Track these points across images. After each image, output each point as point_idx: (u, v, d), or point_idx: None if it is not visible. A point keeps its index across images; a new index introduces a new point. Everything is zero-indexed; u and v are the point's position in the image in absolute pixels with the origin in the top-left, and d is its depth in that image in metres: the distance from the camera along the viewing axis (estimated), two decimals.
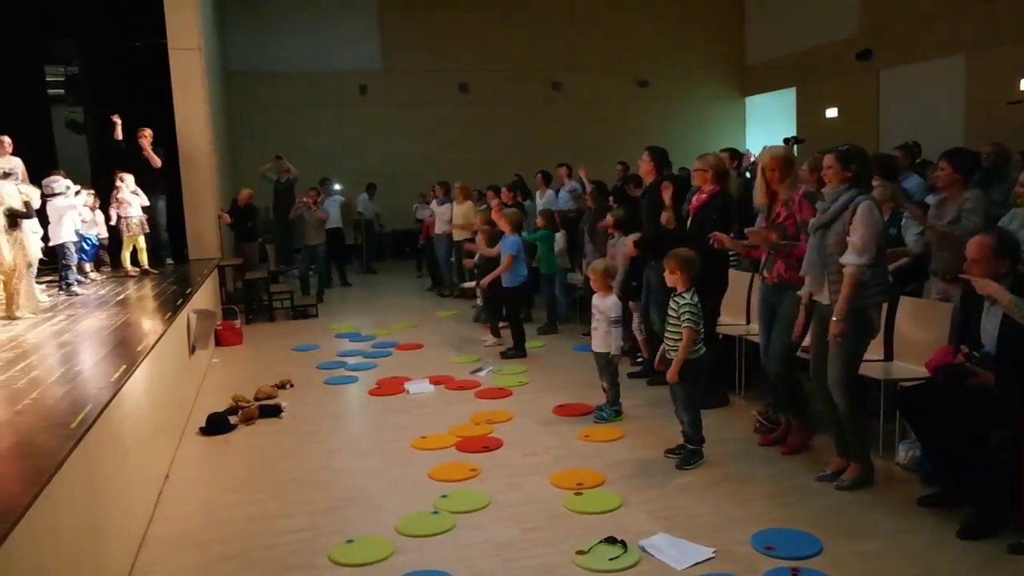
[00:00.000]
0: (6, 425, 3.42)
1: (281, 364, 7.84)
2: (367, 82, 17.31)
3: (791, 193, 4.78)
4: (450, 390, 6.72)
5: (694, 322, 4.66)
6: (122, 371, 4.31)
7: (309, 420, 6.07)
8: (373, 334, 9.13)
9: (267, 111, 16.24)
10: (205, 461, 5.35)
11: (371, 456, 5.20)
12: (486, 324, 8.83)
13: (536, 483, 4.62)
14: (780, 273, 4.79)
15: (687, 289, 4.73)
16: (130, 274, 9.14)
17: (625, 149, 14.00)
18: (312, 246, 11.95)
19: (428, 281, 12.94)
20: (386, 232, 16.67)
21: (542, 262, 9.03)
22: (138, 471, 4.33)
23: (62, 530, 2.90)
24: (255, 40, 16.46)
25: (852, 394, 4.25)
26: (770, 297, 4.91)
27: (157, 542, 4.10)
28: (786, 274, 4.76)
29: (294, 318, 10.58)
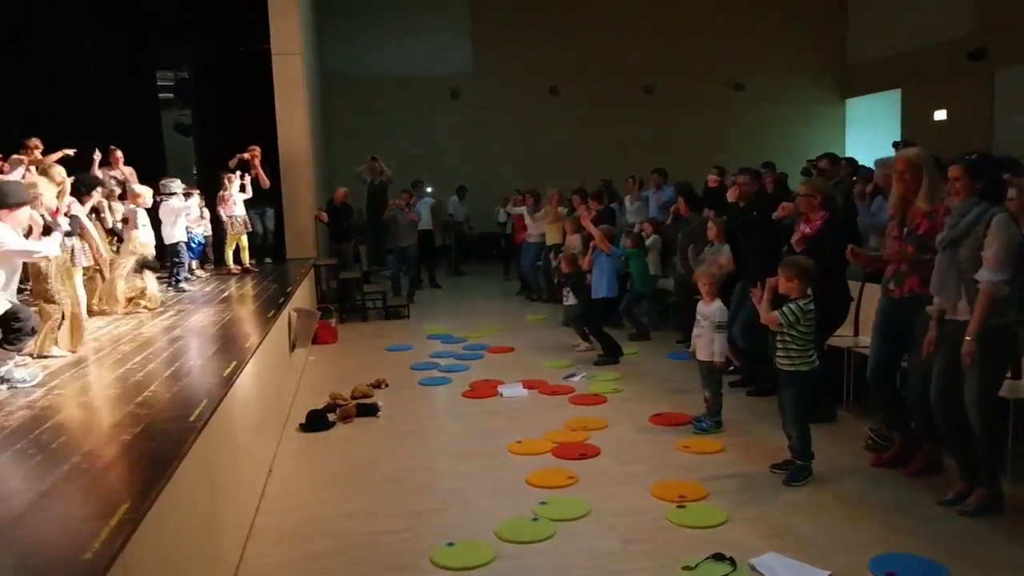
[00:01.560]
0: (129, 417, 3.55)
1: (375, 363, 7.95)
2: (458, 86, 17.49)
3: (931, 202, 4.43)
4: (543, 395, 6.68)
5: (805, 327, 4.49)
6: (233, 367, 4.43)
7: (405, 420, 6.12)
8: (464, 336, 9.18)
9: (361, 114, 16.57)
10: (305, 457, 5.45)
11: (468, 459, 5.20)
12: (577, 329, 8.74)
13: (636, 493, 4.52)
14: (913, 288, 4.47)
15: (801, 296, 4.55)
16: (232, 272, 9.45)
17: (720, 153, 13.73)
18: (404, 247, 12.11)
19: (516, 284, 12.94)
20: (475, 234, 16.78)
21: (636, 282, 8.89)
22: (246, 464, 4.45)
23: (184, 519, 2.99)
24: (351, 45, 16.84)
25: (990, 414, 3.98)
26: (893, 311, 4.62)
27: (263, 534, 4.19)
28: (920, 289, 4.44)
29: (386, 318, 10.74)
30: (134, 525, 2.40)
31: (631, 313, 8.97)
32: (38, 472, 2.93)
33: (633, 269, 8.89)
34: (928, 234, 4.36)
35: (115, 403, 3.84)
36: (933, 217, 4.37)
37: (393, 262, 12.30)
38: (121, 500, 2.54)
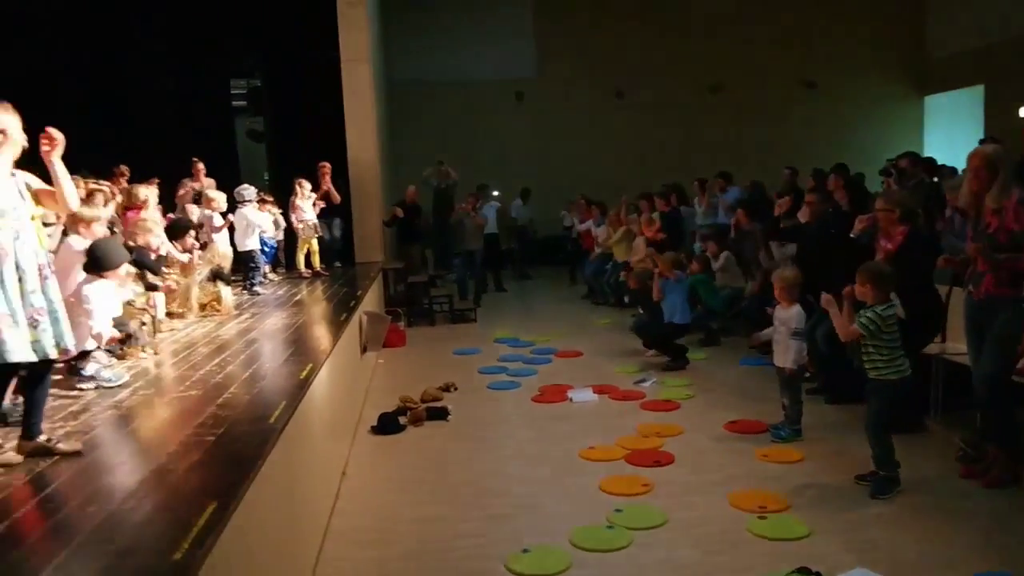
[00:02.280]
0: (212, 418, 3.61)
1: (443, 367, 7.97)
2: (523, 89, 17.50)
3: (999, 200, 4.29)
4: (614, 400, 6.59)
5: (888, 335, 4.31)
6: (308, 370, 4.47)
7: (475, 424, 6.11)
8: (532, 340, 9.13)
9: (427, 119, 16.71)
10: (378, 460, 5.48)
11: (540, 464, 5.15)
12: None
13: (713, 503, 4.40)
14: (988, 289, 4.33)
15: (878, 302, 4.37)
16: (303, 275, 9.61)
17: (791, 153, 13.41)
18: (471, 251, 12.15)
19: (582, 288, 12.85)
20: (539, 237, 16.73)
21: (706, 302, 8.71)
22: (322, 466, 4.49)
23: (266, 520, 3.01)
24: (417, 51, 16.98)
25: None
26: (976, 315, 4.46)
27: (338, 536, 4.22)
28: (995, 290, 4.28)
29: (453, 322, 10.77)
30: (221, 525, 2.42)
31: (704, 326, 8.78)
32: (127, 471, 3.00)
33: (701, 293, 8.70)
34: (998, 232, 4.20)
35: (197, 404, 3.92)
36: (1002, 214, 4.19)
37: (459, 266, 12.35)
38: (208, 500, 2.57)
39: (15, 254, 3.09)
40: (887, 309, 4.36)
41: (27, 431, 3.19)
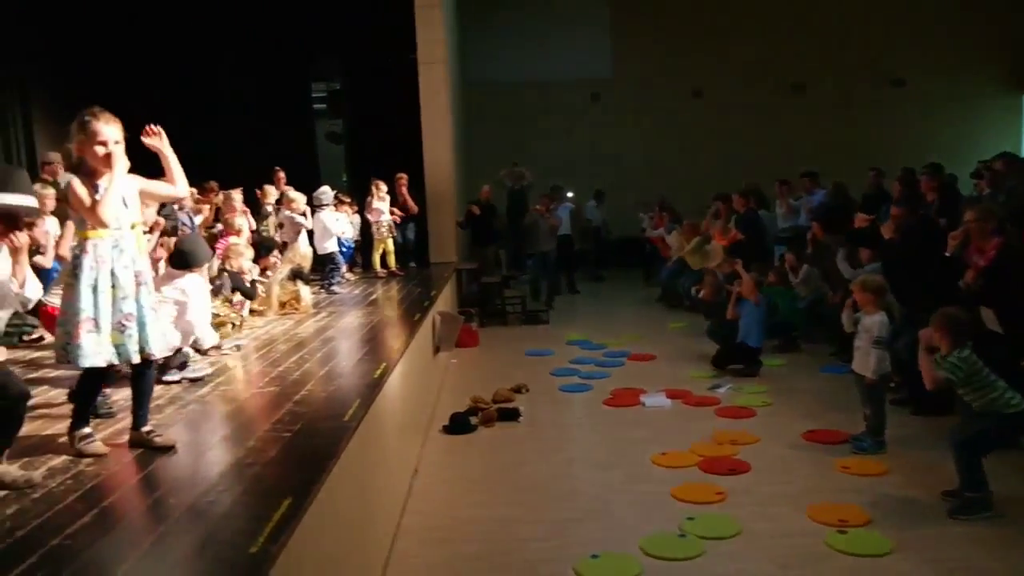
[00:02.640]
0: (289, 414, 3.70)
1: (515, 368, 7.98)
2: (599, 89, 17.39)
3: None
4: (688, 405, 6.48)
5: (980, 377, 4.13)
6: (383, 369, 4.54)
7: (547, 426, 6.10)
8: (604, 342, 9.06)
9: (501, 120, 16.77)
10: (449, 459, 5.52)
11: (610, 468, 5.10)
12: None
13: (790, 515, 4.28)
14: None
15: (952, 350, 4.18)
16: (379, 275, 9.77)
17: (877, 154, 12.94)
18: (544, 252, 12.14)
19: (656, 290, 12.69)
20: (613, 239, 16.59)
21: (785, 315, 8.45)
22: (394, 464, 4.55)
23: (339, 516, 3.07)
24: (492, 52, 17.07)
25: None
26: None
27: (409, 534, 4.26)
28: None
29: (525, 323, 10.78)
30: (296, 521, 2.47)
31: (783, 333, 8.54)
32: (208, 464, 3.09)
33: (780, 305, 8.42)
34: None
35: (275, 400, 4.02)
36: None
37: (533, 267, 12.35)
38: (283, 496, 2.63)
39: (112, 262, 3.21)
40: (963, 351, 4.17)
41: (135, 421, 3.34)
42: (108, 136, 3.23)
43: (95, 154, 3.22)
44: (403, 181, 10.43)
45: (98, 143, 3.21)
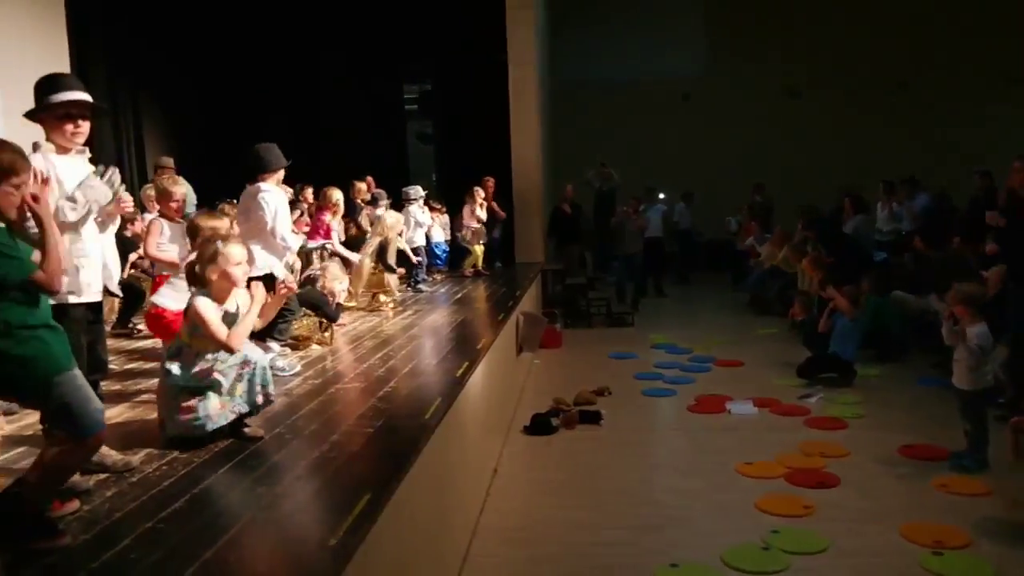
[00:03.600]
0: (372, 410, 3.78)
1: (598, 370, 7.92)
2: (690, 88, 17.08)
3: None
4: (775, 414, 6.29)
5: None
6: (465, 367, 4.58)
7: (628, 431, 6.03)
8: (690, 347, 8.89)
9: (590, 119, 16.67)
10: (529, 460, 5.53)
11: (693, 476, 5.00)
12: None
13: (882, 533, 4.10)
14: None
15: None
16: (465, 274, 9.87)
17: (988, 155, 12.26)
18: (630, 254, 12.01)
19: (744, 295, 12.38)
20: (703, 242, 16.28)
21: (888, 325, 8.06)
22: (474, 463, 4.58)
23: (417, 513, 3.11)
24: (581, 50, 16.97)
25: None
26: None
27: (487, 533, 4.28)
28: None
29: (610, 325, 10.69)
30: (374, 516, 2.52)
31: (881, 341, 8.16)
32: (293, 456, 3.18)
33: (882, 315, 8.02)
34: None
35: (360, 396, 4.10)
36: None
37: (618, 268, 12.24)
38: (363, 490, 2.68)
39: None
40: None
41: None
42: (240, 258, 3.46)
43: (230, 279, 3.43)
44: (490, 185, 10.50)
45: (235, 265, 3.43)
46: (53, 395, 2.33)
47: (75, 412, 2.35)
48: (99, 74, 9.86)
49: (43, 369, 2.33)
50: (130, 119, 10.62)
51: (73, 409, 2.35)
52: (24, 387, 2.35)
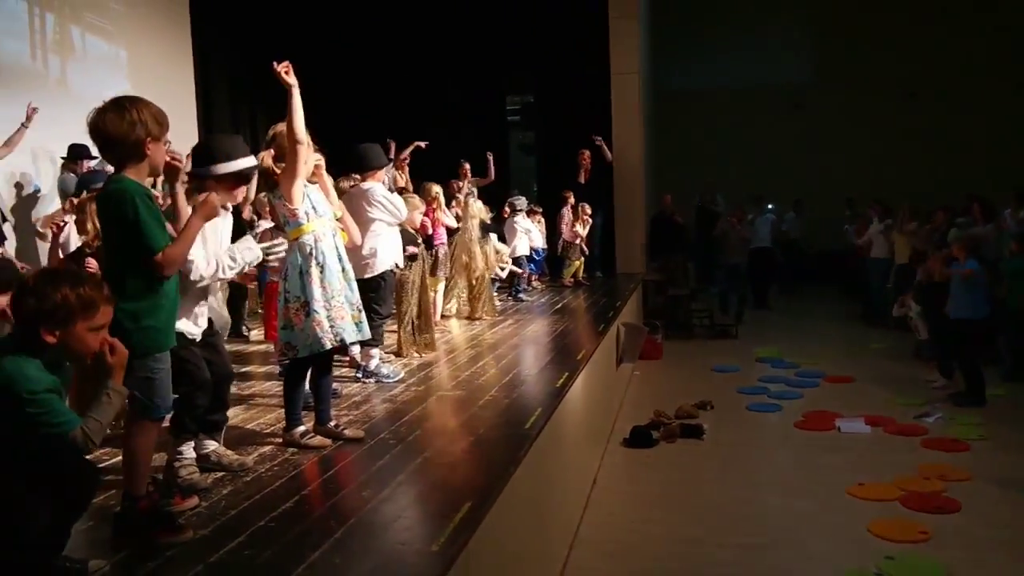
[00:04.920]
0: (473, 419, 3.82)
1: (700, 383, 7.77)
2: (800, 94, 16.56)
3: None
4: (889, 434, 6.00)
5: None
6: (565, 378, 4.58)
7: (731, 446, 5.89)
8: (797, 361, 8.59)
9: (692, 128, 16.41)
10: (629, 472, 5.47)
11: (800, 495, 4.83)
12: (931, 361, 7.74)
13: (1008, 564, 3.86)
14: None
15: None
16: (566, 284, 9.87)
17: None
18: (734, 264, 11.73)
19: (856, 307, 11.87)
20: (813, 252, 15.71)
21: (1011, 296, 7.49)
22: (573, 474, 4.57)
23: (517, 522, 3.13)
24: (684, 59, 16.75)
25: None
26: None
27: (586, 545, 4.26)
28: None
29: (712, 337, 10.47)
30: (475, 524, 2.55)
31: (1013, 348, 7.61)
32: (397, 461, 3.26)
33: (1015, 287, 7.24)
34: None
35: (461, 404, 4.16)
36: None
37: (722, 279, 11.97)
38: (464, 498, 2.72)
39: (337, 248, 3.58)
40: None
41: (318, 417, 3.59)
42: None
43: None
44: (586, 157, 10.55)
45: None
46: (147, 365, 2.50)
47: (154, 388, 2.52)
48: (222, 94, 10.45)
49: (151, 341, 2.50)
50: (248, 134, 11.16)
51: (154, 385, 2.52)
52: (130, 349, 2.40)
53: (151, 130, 2.45)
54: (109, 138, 2.43)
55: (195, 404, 2.99)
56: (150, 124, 2.44)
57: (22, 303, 2.14)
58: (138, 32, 8.90)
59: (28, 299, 2.12)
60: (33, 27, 7.54)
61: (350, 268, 3.67)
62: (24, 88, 7.16)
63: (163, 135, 2.50)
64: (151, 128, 2.45)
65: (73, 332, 2.14)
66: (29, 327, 2.13)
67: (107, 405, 2.19)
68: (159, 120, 2.48)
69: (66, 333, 2.14)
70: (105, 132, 2.43)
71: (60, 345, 2.14)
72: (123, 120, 2.42)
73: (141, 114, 2.43)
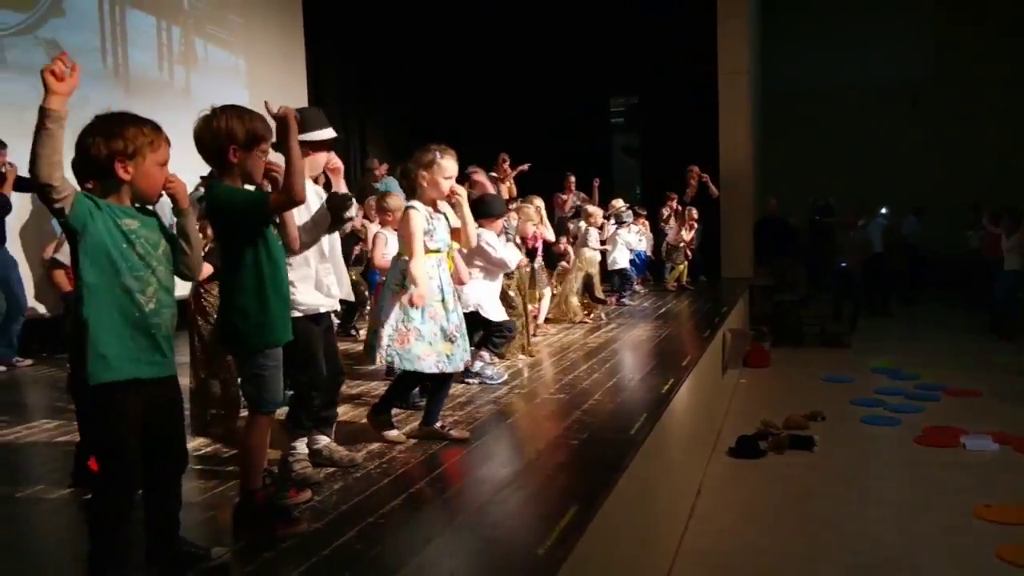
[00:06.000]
0: (576, 423, 3.80)
1: (810, 393, 7.49)
2: (918, 91, 15.74)
3: None
4: (1021, 453, 5.62)
5: None
6: (670, 384, 4.49)
7: (845, 460, 5.64)
8: (917, 372, 8.16)
9: (803, 128, 15.87)
10: (734, 483, 5.32)
11: (920, 515, 4.58)
12: None
13: None
14: None
15: None
16: (669, 288, 9.71)
17: None
18: (848, 270, 11.25)
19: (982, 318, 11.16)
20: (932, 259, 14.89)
21: None
22: (678, 482, 4.48)
23: (621, 528, 3.08)
24: (793, 56, 16.20)
25: None
26: None
27: (690, 556, 4.17)
28: None
29: (823, 345, 10.07)
30: (581, 529, 2.53)
31: None
32: (502, 463, 3.27)
33: None
34: None
35: (564, 407, 4.14)
36: None
37: (835, 285, 11.51)
38: (570, 502, 2.70)
39: (439, 278, 3.57)
40: None
41: (426, 417, 3.65)
42: (452, 172, 3.55)
43: (439, 189, 3.53)
44: (695, 174, 10.38)
45: (445, 178, 3.52)
46: (257, 362, 2.59)
47: (264, 384, 2.59)
48: (334, 102, 10.81)
49: (261, 337, 2.58)
50: (358, 142, 11.52)
51: (264, 381, 2.59)
52: (241, 345, 2.57)
53: (237, 138, 2.49)
54: (198, 144, 2.53)
55: (310, 401, 3.09)
56: (237, 132, 2.49)
57: (90, 147, 2.12)
58: (255, 42, 9.32)
59: (95, 140, 2.11)
60: (160, 40, 8.02)
61: (452, 298, 3.61)
62: (152, 97, 7.63)
63: (255, 144, 2.53)
64: (237, 136, 2.49)
65: (143, 166, 2.16)
66: (102, 167, 2.13)
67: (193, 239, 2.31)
68: (248, 128, 2.51)
69: (137, 168, 2.15)
70: (196, 138, 2.53)
71: (132, 181, 2.16)
72: (208, 128, 2.51)
73: (229, 122, 2.49)
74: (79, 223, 2.06)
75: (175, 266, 2.28)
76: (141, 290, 2.15)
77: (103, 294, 2.10)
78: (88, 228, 2.07)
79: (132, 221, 2.17)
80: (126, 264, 2.13)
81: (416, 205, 3.52)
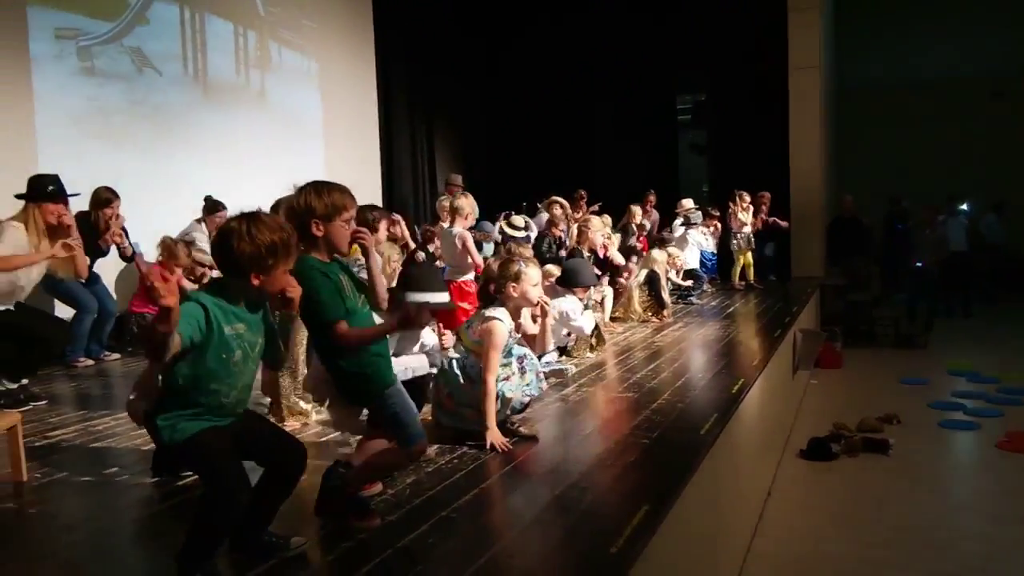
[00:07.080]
0: (646, 421, 3.79)
1: (884, 395, 7.30)
2: (1001, 86, 15.11)
3: None
4: None
5: None
6: (740, 384, 4.44)
7: (922, 464, 5.49)
8: (998, 376, 7.87)
9: (878, 124, 15.40)
10: (806, 486, 5.23)
11: (1002, 522, 4.43)
12: None
13: None
14: None
15: None
16: (737, 287, 9.56)
17: None
18: (924, 269, 10.91)
19: None
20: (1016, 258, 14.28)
21: None
22: (747, 484, 4.43)
23: (692, 528, 3.08)
24: (868, 51, 15.75)
25: None
26: None
27: (760, 559, 4.12)
28: None
29: (897, 346, 9.79)
30: (653, 528, 2.53)
31: None
32: (571, 461, 3.28)
33: None
34: None
35: (633, 406, 4.13)
36: None
37: (910, 284, 11.16)
38: (642, 501, 2.70)
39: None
40: None
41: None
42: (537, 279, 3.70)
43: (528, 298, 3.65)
44: (766, 200, 10.09)
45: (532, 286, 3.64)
46: (387, 404, 2.68)
47: (402, 421, 2.68)
48: (401, 103, 10.98)
49: (378, 384, 2.68)
50: (424, 141, 11.66)
51: (401, 418, 2.68)
52: (366, 397, 2.71)
53: (317, 212, 2.59)
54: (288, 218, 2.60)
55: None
56: (316, 206, 2.59)
57: (233, 248, 2.16)
58: (327, 46, 9.53)
59: (241, 244, 2.15)
60: (237, 44, 8.27)
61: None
62: (230, 100, 7.88)
63: (336, 215, 2.61)
64: (317, 210, 2.59)
65: (274, 274, 2.22)
66: (239, 270, 2.18)
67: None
68: (327, 202, 2.59)
69: (269, 276, 2.21)
70: (285, 218, 2.60)
71: (260, 288, 2.21)
72: (291, 205, 2.63)
73: (308, 197, 2.61)
74: (184, 346, 2.08)
75: (263, 356, 2.35)
76: (226, 394, 2.24)
77: (186, 396, 2.18)
78: (194, 341, 2.10)
79: (240, 325, 2.22)
80: (223, 371, 2.20)
81: (502, 316, 3.53)
